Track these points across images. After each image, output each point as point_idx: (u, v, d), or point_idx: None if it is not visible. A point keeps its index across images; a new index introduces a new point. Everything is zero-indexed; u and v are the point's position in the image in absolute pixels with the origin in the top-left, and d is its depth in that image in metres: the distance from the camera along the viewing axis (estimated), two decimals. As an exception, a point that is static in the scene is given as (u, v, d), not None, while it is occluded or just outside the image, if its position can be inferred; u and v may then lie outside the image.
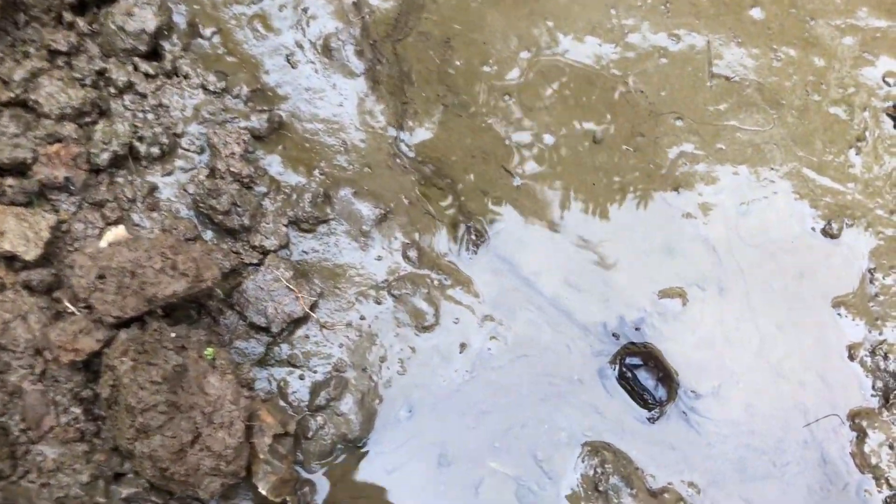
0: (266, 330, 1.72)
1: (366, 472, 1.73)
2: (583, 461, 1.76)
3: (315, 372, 1.75)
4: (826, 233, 2.00)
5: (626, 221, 1.99)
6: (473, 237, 1.91)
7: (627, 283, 1.94)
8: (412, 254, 1.85)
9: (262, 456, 1.54)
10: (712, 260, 1.98)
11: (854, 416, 1.85)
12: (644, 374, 1.79)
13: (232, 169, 1.73)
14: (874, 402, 1.88)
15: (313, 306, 1.77)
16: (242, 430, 1.49)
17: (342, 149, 1.89)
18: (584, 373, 1.85)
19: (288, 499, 1.63)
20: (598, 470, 1.73)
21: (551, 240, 1.95)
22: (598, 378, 1.85)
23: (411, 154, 1.95)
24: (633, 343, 1.87)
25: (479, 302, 1.87)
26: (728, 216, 1.99)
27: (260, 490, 1.55)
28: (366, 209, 1.86)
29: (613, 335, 1.88)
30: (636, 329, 1.89)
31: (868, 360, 1.91)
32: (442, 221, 1.93)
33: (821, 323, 1.94)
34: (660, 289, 1.94)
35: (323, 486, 1.71)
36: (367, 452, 1.75)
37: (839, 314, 1.95)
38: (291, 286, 1.74)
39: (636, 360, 1.81)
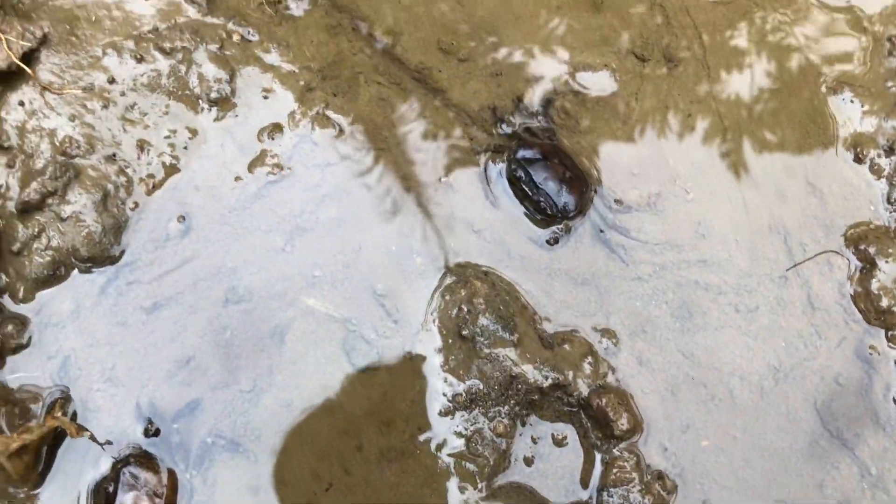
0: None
1: (109, 308, 1.10)
2: (443, 296, 1.14)
3: (33, 157, 1.11)
4: (827, -15, 1.35)
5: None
6: (300, -22, 1.26)
7: (528, 48, 1.29)
8: (197, -9, 1.21)
9: None
10: (655, 15, 1.33)
11: (858, 241, 1.22)
12: (542, 172, 1.16)
13: None
14: (889, 221, 1.25)
15: (29, 57, 1.13)
16: None
17: None
18: (457, 174, 1.22)
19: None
20: (464, 307, 1.11)
21: (418, -13, 1.30)
22: (478, 182, 1.22)
23: None
24: (530, 132, 1.23)
25: (303, 69, 1.23)
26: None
27: None
28: None
29: (504, 123, 1.24)
30: (539, 116, 1.25)
31: (882, 160, 1.28)
32: None
33: (813, 108, 1.29)
34: (577, 58, 1.30)
35: (41, 323, 1.09)
36: (112, 278, 1.12)
37: (841, 98, 1.31)
38: None
39: (532, 153, 1.17)
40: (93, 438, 1.08)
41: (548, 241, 1.22)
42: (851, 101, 1.33)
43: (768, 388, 1.19)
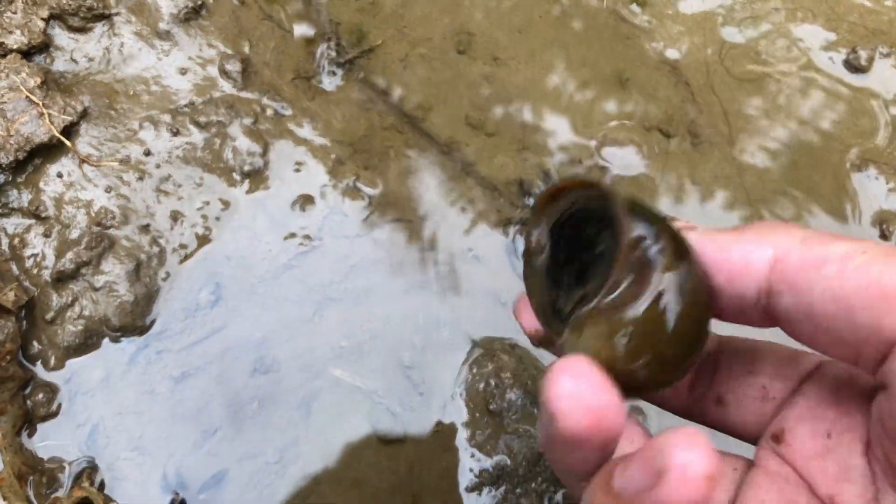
0: (-9, 159, 1.16)
1: (138, 377, 1.13)
2: (470, 369, 1.16)
3: (69, 227, 1.16)
4: (850, 65, 1.40)
5: (558, 36, 1.39)
6: (334, 54, 1.32)
7: (555, 123, 1.34)
8: (232, 68, 1.27)
9: None
10: (682, 96, 1.38)
11: None
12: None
13: None
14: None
15: (69, 131, 1.18)
16: None
17: None
18: (484, 246, 1.25)
19: (8, 406, 1.05)
20: (492, 382, 1.13)
21: (447, 64, 1.36)
22: (504, 255, 1.25)
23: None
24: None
25: (334, 143, 1.28)
26: (707, 29, 1.40)
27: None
28: (167, 1, 1.27)
29: (531, 197, 1.28)
30: (565, 189, 1.28)
31: (908, 237, 1.31)
32: (290, 32, 1.34)
33: (838, 184, 1.33)
34: (603, 133, 1.34)
35: (70, 392, 1.12)
36: (142, 347, 1.15)
37: (866, 174, 1.34)
38: (35, 98, 1.16)
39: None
40: (119, 510, 1.10)
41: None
42: (876, 178, 1.36)
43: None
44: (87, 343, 1.16)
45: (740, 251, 0.45)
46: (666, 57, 1.45)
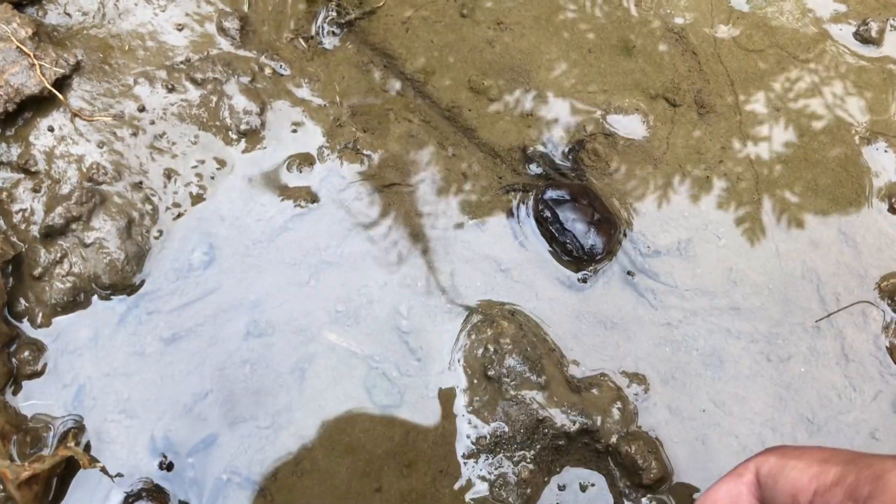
0: (-22, 109, 1.12)
1: (128, 337, 1.10)
2: (469, 335, 1.13)
3: (59, 182, 1.13)
4: (861, 37, 1.38)
5: (564, 2, 1.36)
6: (335, 14, 1.29)
7: (559, 89, 1.31)
8: (230, 25, 1.24)
9: None
10: (689, 65, 1.35)
11: (893, 293, 1.21)
12: (570, 213, 1.17)
13: None
14: (925, 273, 1.25)
15: (61, 84, 1.15)
16: None
17: None
18: (486, 212, 1.22)
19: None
20: (491, 347, 1.11)
21: (450, 27, 1.32)
22: (506, 221, 1.23)
23: None
24: (559, 172, 1.24)
25: (333, 104, 1.25)
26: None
27: None
28: None
29: (533, 163, 1.25)
30: (569, 156, 1.26)
31: (917, 211, 1.28)
32: None
33: (846, 157, 1.30)
34: (609, 101, 1.31)
35: (57, 350, 1.09)
36: (133, 307, 1.12)
37: (875, 147, 1.32)
38: (26, 49, 1.12)
39: (561, 194, 1.18)
40: (104, 471, 1.07)
41: (579, 280, 1.21)
42: (885, 151, 1.34)
43: (802, 440, 1.17)
44: (75, 301, 1.13)
45: None
46: (673, 25, 1.42)
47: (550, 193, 1.23)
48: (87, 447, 1.09)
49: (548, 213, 1.21)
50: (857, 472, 0.66)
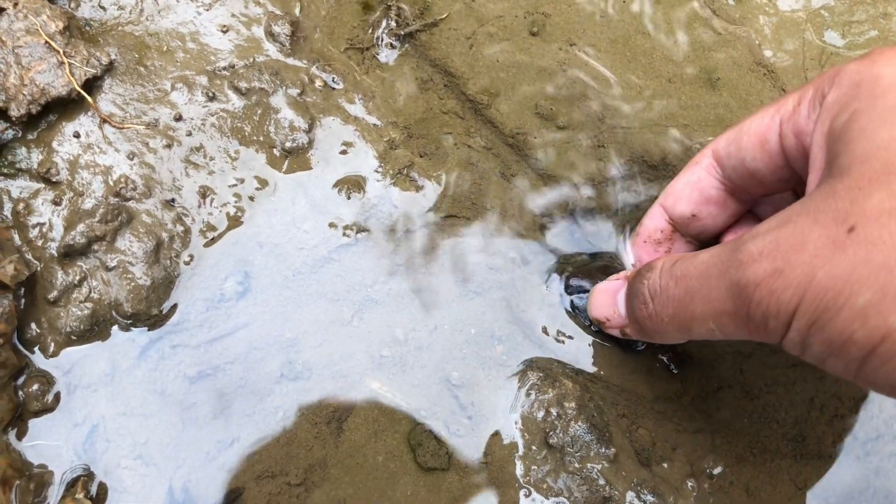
0: (2, 112, 0.98)
1: (148, 373, 0.97)
2: (528, 394, 1.00)
3: (83, 195, 0.99)
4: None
5: (642, 25, 1.23)
6: (394, 24, 1.15)
7: (635, 120, 1.18)
8: (280, 30, 1.10)
9: None
10: (775, 95, 1.20)
11: None
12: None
13: None
14: None
15: (91, 85, 1.02)
16: None
17: None
18: (550, 258, 1.09)
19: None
20: (553, 411, 0.97)
21: (518, 46, 1.19)
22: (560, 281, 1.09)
23: None
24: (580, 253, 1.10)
25: (388, 124, 1.11)
26: None
27: None
28: None
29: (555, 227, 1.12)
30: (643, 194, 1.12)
31: None
32: None
33: None
34: (690, 136, 1.18)
35: (69, 384, 0.96)
36: (156, 339, 0.99)
37: None
38: (56, 45, 0.99)
39: (580, 285, 1.05)
40: (116, 527, 0.94)
41: (636, 349, 1.07)
42: None
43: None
44: (92, 330, 1.00)
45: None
46: (761, 58, 1.28)
47: (574, 282, 1.09)
48: (98, 498, 0.95)
49: (576, 304, 1.08)
50: (814, 84, 0.71)
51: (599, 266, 1.08)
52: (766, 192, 0.86)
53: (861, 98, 0.66)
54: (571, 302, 1.07)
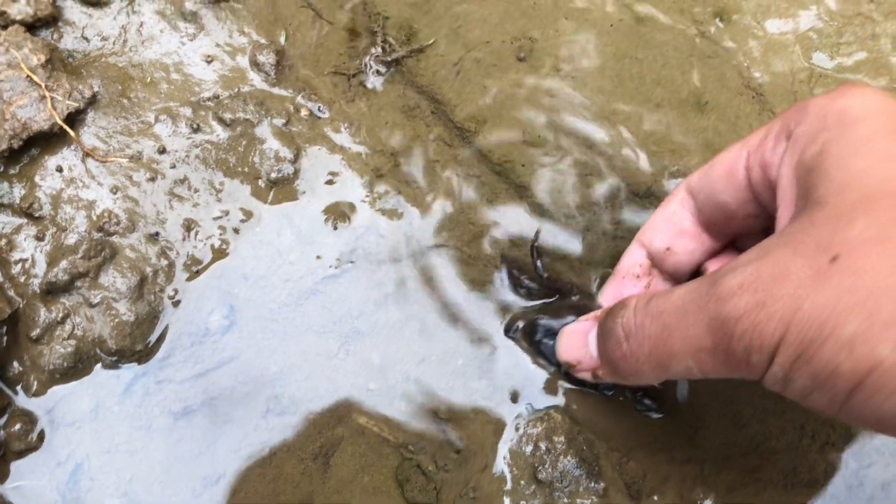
0: (-22, 144, 0.98)
1: (133, 409, 0.96)
2: (516, 428, 0.99)
3: (66, 231, 0.99)
4: None
5: (631, 49, 1.22)
6: (380, 51, 1.15)
7: (625, 147, 1.17)
8: (265, 59, 1.09)
9: None
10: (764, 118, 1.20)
11: None
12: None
13: None
14: None
15: (74, 119, 1.01)
16: None
17: None
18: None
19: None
20: (542, 445, 0.96)
21: (505, 72, 1.18)
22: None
23: None
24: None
25: (375, 152, 1.10)
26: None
27: None
28: None
29: (589, 232, 1.11)
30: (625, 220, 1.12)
31: None
32: (332, 23, 1.16)
33: None
34: (679, 161, 1.17)
35: (53, 423, 0.95)
36: (140, 375, 0.98)
37: None
38: (37, 79, 0.98)
39: (546, 327, 1.04)
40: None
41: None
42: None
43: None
44: (76, 367, 0.99)
45: None
46: (750, 81, 1.28)
47: (542, 322, 1.07)
48: (81, 539, 0.94)
49: (543, 348, 1.06)
50: (781, 119, 0.72)
51: (567, 305, 1.07)
52: (737, 227, 0.85)
53: (830, 129, 0.66)
54: (537, 345, 1.06)
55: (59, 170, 1.04)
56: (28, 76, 1.03)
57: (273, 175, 1.10)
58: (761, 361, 0.63)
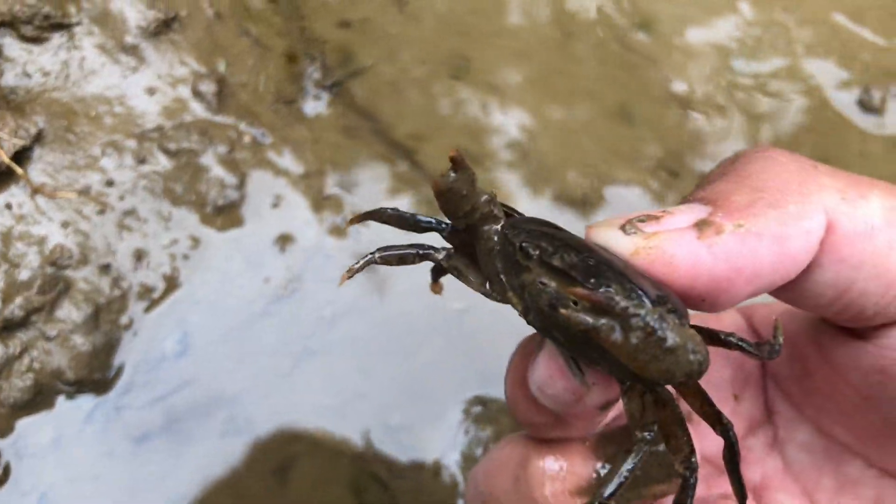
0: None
1: (95, 437, 1.01)
2: (466, 432, 1.08)
3: (18, 267, 1.03)
4: (864, 105, 1.34)
5: (561, 65, 1.30)
6: (319, 75, 1.21)
7: (556, 157, 1.25)
8: (207, 89, 1.15)
9: None
10: (688, 130, 1.30)
11: None
12: None
13: None
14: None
15: (20, 156, 1.05)
16: None
17: None
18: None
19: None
20: (491, 447, 1.03)
21: (442, 90, 1.25)
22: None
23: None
24: None
25: (317, 174, 1.17)
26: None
27: None
28: (134, 12, 1.14)
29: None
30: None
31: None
32: (270, 49, 1.22)
33: None
34: (607, 171, 1.26)
35: (16, 455, 0.99)
36: (100, 403, 1.03)
37: None
38: None
39: None
40: None
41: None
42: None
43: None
44: (36, 399, 1.04)
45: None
46: (673, 90, 1.37)
47: None
48: (50, 566, 1.00)
49: None
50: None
51: None
52: None
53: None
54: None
55: (9, 207, 1.09)
56: (-28, 117, 1.07)
57: (219, 202, 1.16)
58: None
